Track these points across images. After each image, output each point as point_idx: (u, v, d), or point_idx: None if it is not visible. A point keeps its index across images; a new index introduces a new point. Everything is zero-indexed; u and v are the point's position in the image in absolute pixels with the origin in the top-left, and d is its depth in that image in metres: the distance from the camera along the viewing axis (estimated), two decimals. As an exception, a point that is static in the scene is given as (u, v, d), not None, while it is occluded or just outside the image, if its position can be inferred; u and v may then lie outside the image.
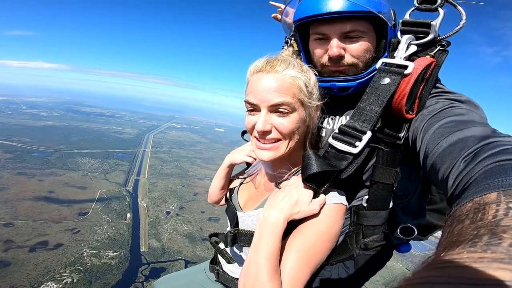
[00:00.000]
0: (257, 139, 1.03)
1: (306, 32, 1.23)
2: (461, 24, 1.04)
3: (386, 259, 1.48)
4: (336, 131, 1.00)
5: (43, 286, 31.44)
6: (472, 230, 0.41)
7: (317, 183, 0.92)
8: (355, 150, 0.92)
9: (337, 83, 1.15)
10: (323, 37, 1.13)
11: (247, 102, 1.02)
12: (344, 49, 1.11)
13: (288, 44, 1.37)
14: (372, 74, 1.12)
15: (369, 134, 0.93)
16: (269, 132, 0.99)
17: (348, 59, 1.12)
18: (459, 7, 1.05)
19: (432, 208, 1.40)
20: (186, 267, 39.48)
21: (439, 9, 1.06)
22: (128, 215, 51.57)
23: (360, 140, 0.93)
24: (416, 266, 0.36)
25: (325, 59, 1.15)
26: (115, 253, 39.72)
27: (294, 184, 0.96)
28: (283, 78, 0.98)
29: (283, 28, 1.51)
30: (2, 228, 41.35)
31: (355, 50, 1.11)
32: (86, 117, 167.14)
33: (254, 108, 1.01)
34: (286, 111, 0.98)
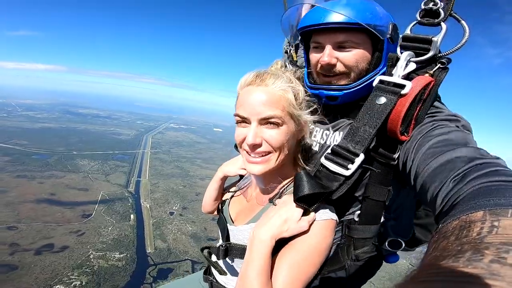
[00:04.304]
0: (247, 152, 1.03)
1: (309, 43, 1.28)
2: (464, 40, 0.99)
3: (376, 268, 1.51)
4: (329, 151, 1.00)
5: (52, 289, 31.28)
6: (456, 246, 0.42)
7: (308, 203, 0.93)
8: (347, 173, 0.92)
9: (324, 91, 1.17)
10: (319, 45, 1.18)
11: (237, 115, 1.02)
12: (337, 58, 1.14)
13: (288, 54, 1.38)
14: (360, 86, 1.14)
15: (361, 157, 0.93)
16: (260, 145, 0.99)
17: (339, 67, 1.15)
18: (462, 22, 1.01)
19: (417, 222, 1.42)
20: (192, 267, 39.61)
21: (442, 23, 1.02)
22: (132, 216, 51.40)
23: (352, 162, 0.93)
24: (401, 278, 0.38)
25: (318, 67, 1.18)
26: (121, 255, 39.58)
27: (285, 202, 0.97)
28: (273, 91, 0.99)
29: (281, 29, 1.48)
30: (6, 231, 41.00)
31: (347, 60, 1.13)
32: (83, 118, 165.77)
33: (244, 121, 1.01)
34: (276, 123, 0.98)
